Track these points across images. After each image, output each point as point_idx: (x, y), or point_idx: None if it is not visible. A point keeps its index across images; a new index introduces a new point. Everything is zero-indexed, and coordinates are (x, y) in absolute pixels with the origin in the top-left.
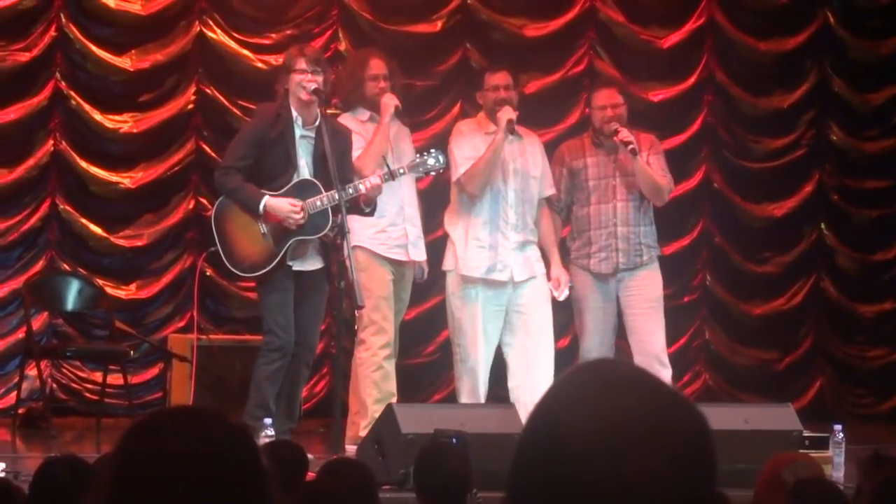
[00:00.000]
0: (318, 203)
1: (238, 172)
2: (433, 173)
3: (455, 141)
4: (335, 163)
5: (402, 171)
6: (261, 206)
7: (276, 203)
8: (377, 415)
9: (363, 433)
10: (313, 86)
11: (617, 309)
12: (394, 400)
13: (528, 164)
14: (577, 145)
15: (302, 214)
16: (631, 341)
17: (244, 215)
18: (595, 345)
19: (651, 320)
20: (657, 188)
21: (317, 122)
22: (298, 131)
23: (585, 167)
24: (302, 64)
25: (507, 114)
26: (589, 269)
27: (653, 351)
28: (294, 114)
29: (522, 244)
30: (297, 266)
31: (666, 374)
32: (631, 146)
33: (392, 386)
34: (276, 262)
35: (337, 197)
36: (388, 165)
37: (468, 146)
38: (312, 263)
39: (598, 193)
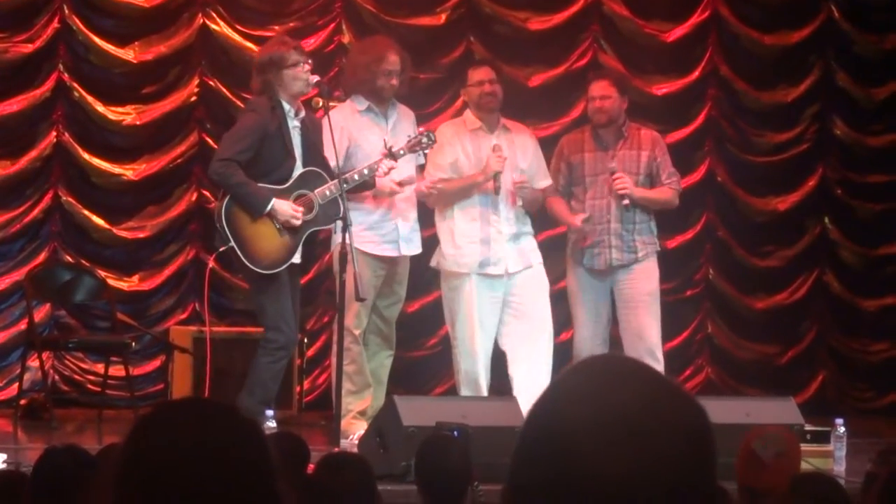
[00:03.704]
0: (328, 192)
1: (239, 165)
2: (428, 151)
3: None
4: (320, 151)
5: (402, 152)
6: (268, 207)
7: (280, 206)
8: (351, 407)
9: (343, 425)
10: (316, 78)
11: (611, 302)
12: (370, 391)
13: (515, 157)
14: (577, 139)
15: (301, 218)
16: (623, 335)
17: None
18: (587, 337)
19: (645, 314)
20: (665, 204)
21: (302, 113)
22: (291, 122)
23: (583, 162)
24: (296, 57)
25: (497, 167)
26: (583, 263)
27: (645, 345)
28: (287, 106)
29: (516, 236)
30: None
31: (657, 368)
32: (626, 201)
33: (367, 378)
34: (296, 255)
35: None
36: (387, 147)
37: (441, 154)
38: (298, 256)
39: (594, 189)
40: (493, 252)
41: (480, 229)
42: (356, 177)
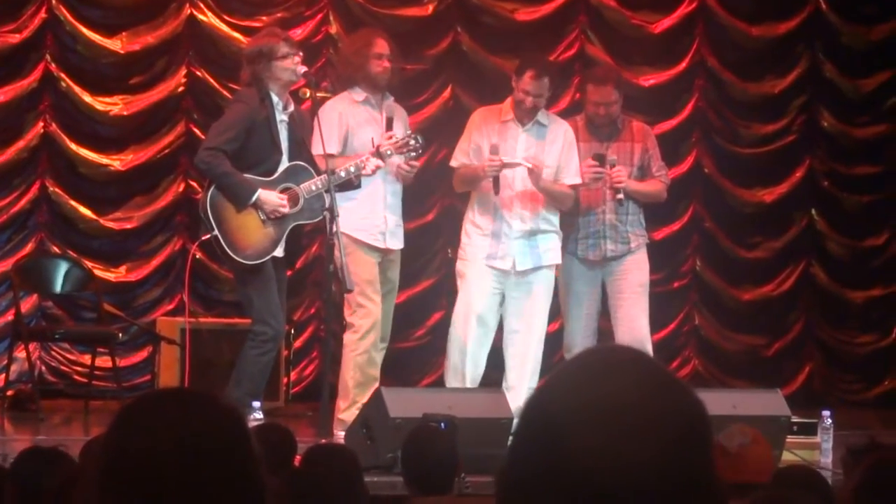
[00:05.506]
0: (313, 187)
1: (226, 155)
2: (414, 154)
3: (466, 128)
4: (308, 145)
5: (389, 151)
6: (254, 197)
7: (267, 196)
8: (358, 399)
9: (342, 416)
10: (304, 68)
11: (602, 294)
12: (376, 385)
13: (542, 153)
14: (572, 128)
15: (288, 207)
16: (615, 326)
17: None
18: (578, 329)
19: (636, 305)
20: (655, 197)
21: (290, 107)
22: (279, 115)
23: (578, 151)
24: (286, 48)
25: (489, 171)
26: (576, 254)
27: (637, 336)
28: (275, 98)
29: (530, 233)
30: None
31: None
32: (620, 195)
33: (375, 371)
34: (279, 247)
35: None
36: (374, 146)
37: (466, 139)
38: (281, 249)
39: None
40: (502, 246)
41: (492, 222)
42: (342, 173)
